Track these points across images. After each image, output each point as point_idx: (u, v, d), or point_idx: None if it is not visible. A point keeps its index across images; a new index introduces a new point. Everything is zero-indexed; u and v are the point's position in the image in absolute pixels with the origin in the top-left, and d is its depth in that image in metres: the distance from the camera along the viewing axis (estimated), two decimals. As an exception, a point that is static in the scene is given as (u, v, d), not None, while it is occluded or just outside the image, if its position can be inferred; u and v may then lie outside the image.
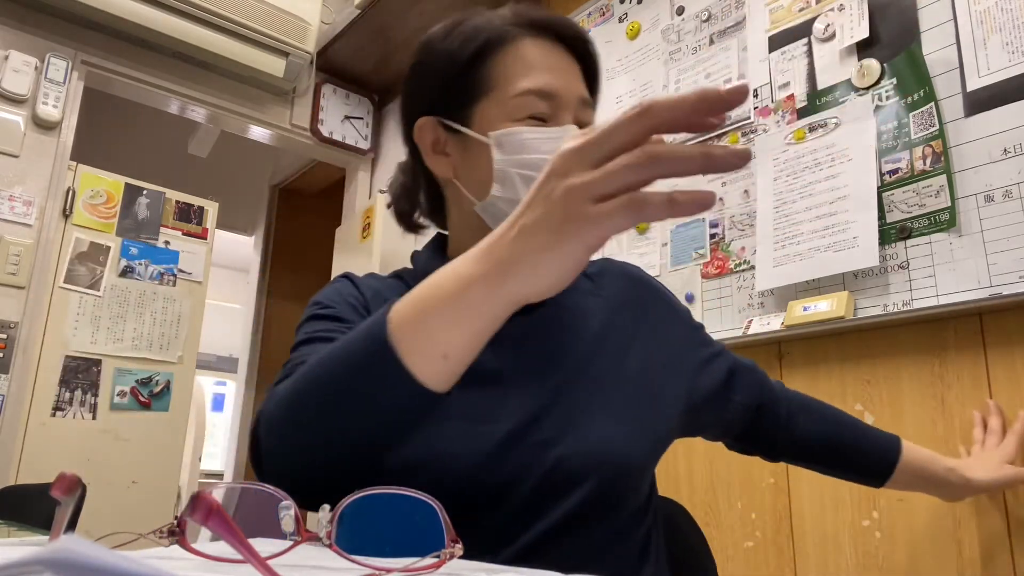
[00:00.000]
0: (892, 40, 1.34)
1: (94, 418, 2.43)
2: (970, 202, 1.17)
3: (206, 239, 2.80)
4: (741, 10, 1.65)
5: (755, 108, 1.56)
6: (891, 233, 1.27)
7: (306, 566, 0.38)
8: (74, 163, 2.48)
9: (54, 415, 2.35)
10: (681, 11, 1.80)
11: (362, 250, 2.67)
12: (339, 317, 0.68)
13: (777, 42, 1.55)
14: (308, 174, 3.59)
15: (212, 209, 2.84)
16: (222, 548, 0.32)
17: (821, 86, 1.44)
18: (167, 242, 2.69)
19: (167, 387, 2.59)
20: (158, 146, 3.82)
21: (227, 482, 2.81)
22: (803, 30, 1.50)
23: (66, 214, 2.46)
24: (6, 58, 2.31)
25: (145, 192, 2.68)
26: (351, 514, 0.38)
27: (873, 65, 1.35)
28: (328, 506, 0.37)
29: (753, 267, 1.47)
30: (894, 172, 1.28)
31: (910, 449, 0.92)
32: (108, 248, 2.54)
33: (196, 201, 2.81)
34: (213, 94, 2.76)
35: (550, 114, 0.69)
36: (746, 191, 1.53)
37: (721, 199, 1.57)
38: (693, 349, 0.81)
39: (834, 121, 1.39)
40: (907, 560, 1.17)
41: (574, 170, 0.43)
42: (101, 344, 2.48)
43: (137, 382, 2.53)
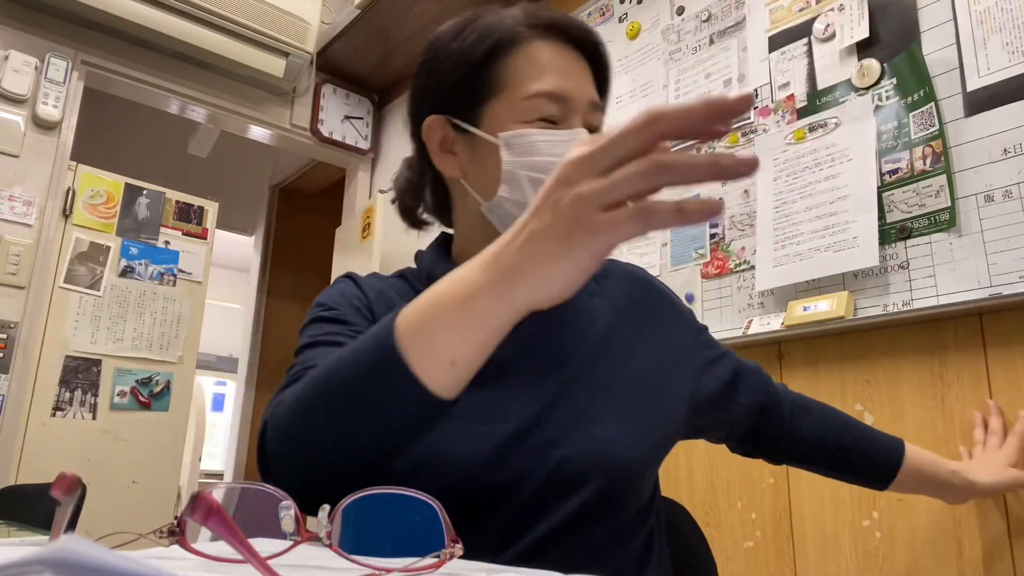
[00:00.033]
0: (892, 40, 1.34)
1: (94, 418, 2.43)
2: (970, 202, 1.17)
3: (206, 239, 2.80)
4: (741, 10, 1.65)
5: (755, 108, 1.56)
6: (891, 233, 1.27)
7: (306, 566, 0.38)
8: (74, 163, 2.48)
9: (54, 415, 2.35)
10: (681, 11, 1.80)
11: (362, 250, 2.66)
12: (343, 320, 0.68)
13: (777, 42, 1.55)
14: (308, 174, 3.59)
15: (212, 209, 2.84)
16: (222, 548, 0.32)
17: (821, 86, 1.44)
18: (167, 242, 2.69)
19: (167, 387, 2.59)
20: (158, 146, 3.82)
21: (227, 482, 2.80)
22: (803, 30, 1.50)
23: (66, 214, 2.46)
24: (6, 58, 2.31)
25: (145, 192, 2.68)
26: (351, 514, 0.38)
27: (873, 65, 1.34)
28: (328, 506, 0.37)
29: (753, 267, 1.47)
30: (894, 172, 1.28)
31: (913, 452, 0.91)
32: (108, 248, 2.54)
33: (196, 201, 2.81)
34: (213, 94, 2.76)
35: (560, 117, 0.68)
36: (746, 191, 1.53)
37: (720, 199, 1.57)
38: (697, 351, 0.81)
39: (834, 121, 1.39)
40: (907, 560, 1.17)
41: (582, 178, 0.43)
42: (101, 344, 2.48)
43: (137, 382, 2.53)
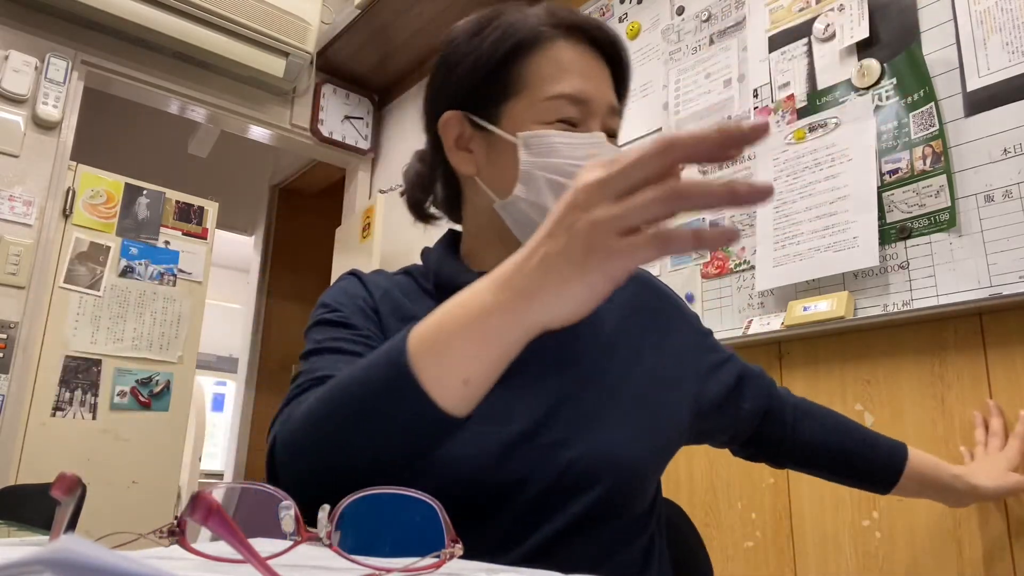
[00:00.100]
0: (892, 40, 1.34)
1: (94, 418, 2.43)
2: (970, 202, 1.17)
3: (206, 239, 2.80)
4: (741, 10, 1.65)
5: (755, 108, 1.56)
6: (891, 233, 1.27)
7: (306, 566, 0.37)
8: (74, 163, 2.48)
9: (54, 415, 2.35)
10: (681, 11, 1.80)
11: (362, 250, 2.67)
12: (348, 323, 0.67)
13: (777, 42, 1.55)
14: (308, 174, 3.59)
15: (212, 209, 2.84)
16: (222, 548, 0.32)
17: (821, 86, 1.44)
18: (167, 242, 2.69)
19: (167, 387, 2.59)
20: (158, 146, 3.82)
21: (227, 482, 2.80)
22: (803, 30, 1.50)
23: (66, 214, 2.46)
24: (6, 58, 2.31)
25: (145, 192, 2.68)
26: (351, 514, 0.38)
27: (873, 65, 1.34)
28: (328, 506, 0.37)
29: (753, 267, 1.47)
30: (894, 172, 1.28)
31: (916, 456, 0.91)
32: (108, 248, 2.54)
33: (196, 201, 2.81)
34: (213, 94, 2.76)
35: (580, 119, 0.68)
36: (746, 191, 1.53)
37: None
38: (702, 355, 0.81)
39: (834, 121, 1.39)
40: (907, 560, 1.17)
41: (598, 203, 0.43)
42: (101, 344, 2.48)
43: (137, 382, 2.53)
